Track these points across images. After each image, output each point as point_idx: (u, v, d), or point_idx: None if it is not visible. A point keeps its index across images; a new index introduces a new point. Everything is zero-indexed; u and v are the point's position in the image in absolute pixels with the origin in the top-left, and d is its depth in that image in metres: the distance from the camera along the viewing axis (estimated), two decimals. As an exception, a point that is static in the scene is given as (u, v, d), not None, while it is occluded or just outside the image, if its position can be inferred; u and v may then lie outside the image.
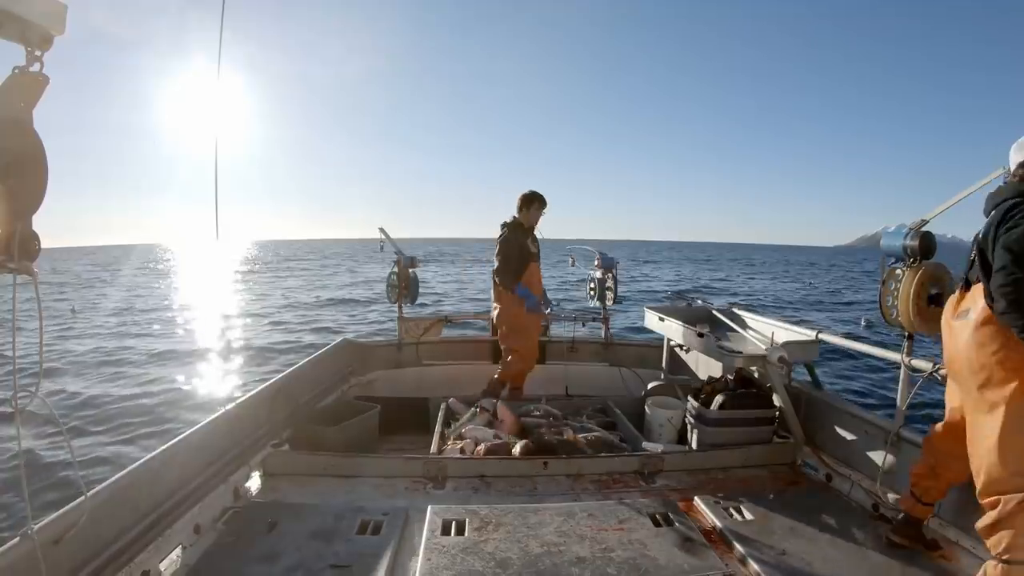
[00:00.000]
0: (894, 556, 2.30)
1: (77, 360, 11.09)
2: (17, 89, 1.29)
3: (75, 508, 1.79)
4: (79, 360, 11.08)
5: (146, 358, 11.47)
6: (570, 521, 2.45)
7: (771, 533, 2.43)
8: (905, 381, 2.73)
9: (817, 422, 3.32)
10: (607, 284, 5.30)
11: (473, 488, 2.87)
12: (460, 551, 2.19)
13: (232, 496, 2.65)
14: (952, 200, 2.48)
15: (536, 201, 4.59)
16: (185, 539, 2.25)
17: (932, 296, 2.52)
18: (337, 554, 2.17)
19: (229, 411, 2.87)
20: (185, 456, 2.45)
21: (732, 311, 4.38)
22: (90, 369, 10.35)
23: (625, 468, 3.10)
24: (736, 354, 3.36)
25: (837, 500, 2.84)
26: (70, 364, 10.66)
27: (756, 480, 3.09)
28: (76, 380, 9.47)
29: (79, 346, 12.54)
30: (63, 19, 1.31)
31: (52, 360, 10.53)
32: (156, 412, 7.70)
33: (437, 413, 3.81)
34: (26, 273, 1.33)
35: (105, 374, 9.96)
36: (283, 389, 3.47)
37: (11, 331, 1.38)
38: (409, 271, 4.90)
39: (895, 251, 2.63)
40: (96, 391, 8.72)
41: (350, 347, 4.76)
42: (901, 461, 2.68)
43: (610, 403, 4.09)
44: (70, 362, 10.84)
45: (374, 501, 2.68)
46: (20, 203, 1.30)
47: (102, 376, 9.86)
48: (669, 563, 2.15)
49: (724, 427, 3.31)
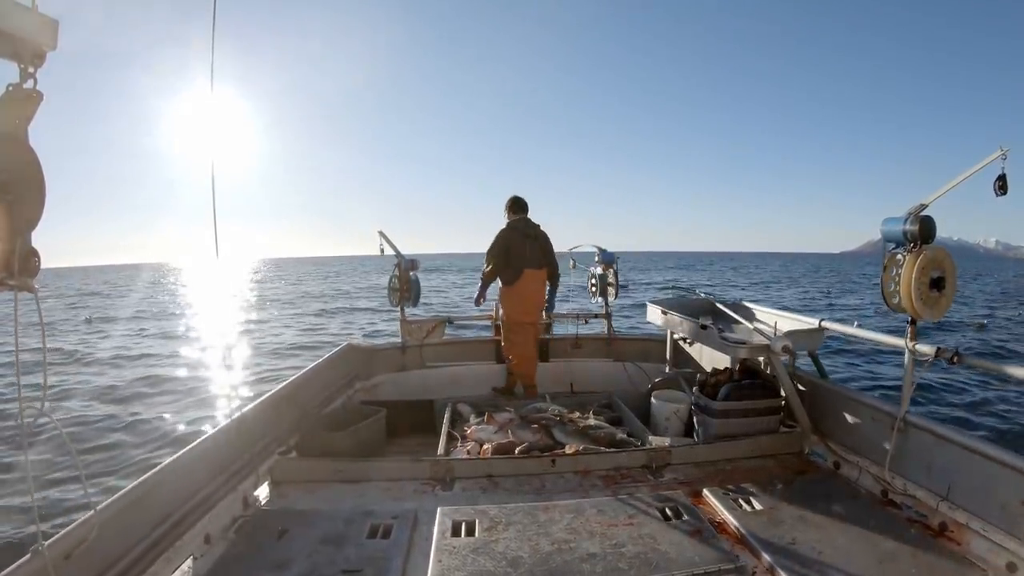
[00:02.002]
0: (905, 541, 2.29)
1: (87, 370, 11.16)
2: (11, 105, 1.30)
3: (85, 523, 1.79)
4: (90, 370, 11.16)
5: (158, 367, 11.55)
6: (579, 518, 2.45)
7: (781, 523, 2.43)
8: (910, 367, 2.73)
9: (823, 410, 3.31)
10: (608, 280, 5.31)
11: (481, 488, 2.87)
12: (471, 552, 2.19)
13: (241, 505, 2.65)
14: (951, 183, 2.48)
15: (507, 203, 4.78)
16: (196, 550, 2.25)
17: (934, 280, 2.52)
18: (348, 559, 2.18)
19: (236, 420, 2.87)
20: (193, 466, 2.45)
21: (734, 303, 4.38)
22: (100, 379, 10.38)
23: (632, 463, 3.10)
24: (740, 345, 3.36)
25: (846, 487, 2.84)
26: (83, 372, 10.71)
27: (764, 470, 3.08)
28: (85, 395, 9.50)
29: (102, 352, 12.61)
30: (55, 34, 1.31)
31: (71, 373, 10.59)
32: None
33: (443, 415, 3.81)
34: (26, 290, 1.33)
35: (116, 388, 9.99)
36: (289, 396, 3.47)
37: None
38: (410, 274, 4.90)
39: (895, 236, 2.63)
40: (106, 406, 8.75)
41: (354, 351, 4.76)
42: (908, 446, 2.68)
43: (615, 398, 4.09)
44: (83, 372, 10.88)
45: (383, 504, 2.68)
46: (19, 219, 1.30)
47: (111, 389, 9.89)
48: (680, 556, 2.15)
49: (730, 418, 3.31)
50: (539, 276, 4.69)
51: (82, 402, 9.01)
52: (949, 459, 2.48)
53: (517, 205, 4.75)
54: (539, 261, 4.68)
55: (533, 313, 4.73)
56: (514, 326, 4.68)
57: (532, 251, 4.64)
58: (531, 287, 4.64)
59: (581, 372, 5.00)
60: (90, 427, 7.61)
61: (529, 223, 4.73)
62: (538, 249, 4.69)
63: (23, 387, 1.38)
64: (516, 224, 4.69)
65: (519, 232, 4.65)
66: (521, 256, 4.60)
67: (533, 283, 4.65)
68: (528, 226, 4.71)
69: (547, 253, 4.77)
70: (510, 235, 4.64)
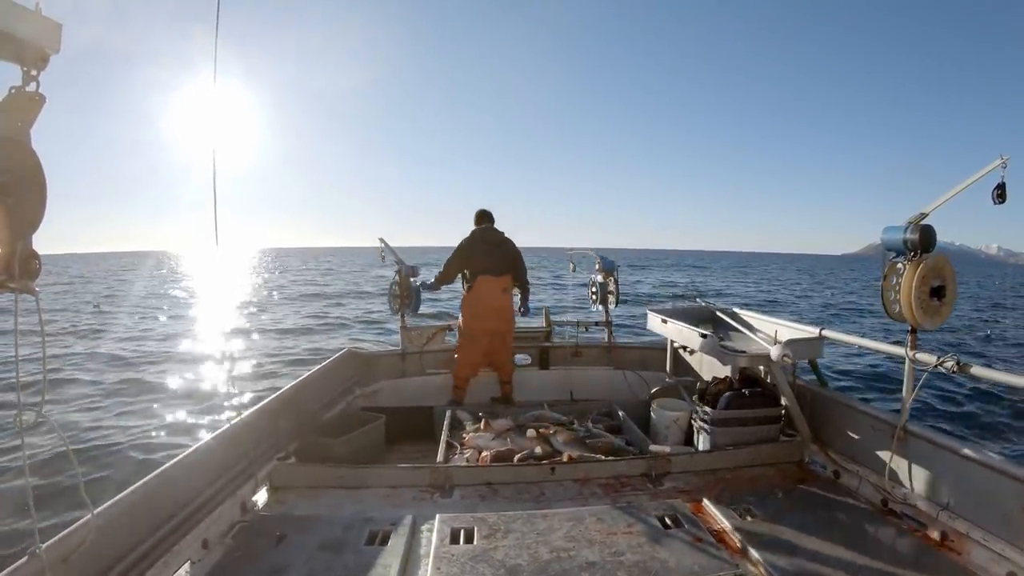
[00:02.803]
0: (905, 551, 2.28)
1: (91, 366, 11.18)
2: (14, 109, 1.30)
3: (83, 525, 1.79)
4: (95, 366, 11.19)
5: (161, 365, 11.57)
6: (579, 526, 2.43)
7: (780, 532, 2.41)
8: (910, 375, 2.72)
9: (823, 419, 3.30)
10: (608, 288, 5.31)
11: (480, 495, 2.86)
12: (470, 559, 2.18)
13: (240, 510, 2.64)
14: (951, 192, 2.48)
15: (475, 215, 4.88)
16: (193, 554, 2.24)
17: (934, 289, 2.52)
18: (346, 565, 2.17)
19: (235, 425, 2.86)
20: (192, 471, 2.45)
21: (734, 311, 4.37)
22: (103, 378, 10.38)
23: (632, 471, 3.09)
24: (740, 354, 3.35)
25: (846, 496, 2.83)
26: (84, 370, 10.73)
27: (764, 479, 3.07)
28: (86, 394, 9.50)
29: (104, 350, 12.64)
30: (58, 37, 1.32)
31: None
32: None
33: (442, 421, 3.80)
34: (27, 292, 1.33)
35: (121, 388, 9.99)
36: (288, 401, 3.46)
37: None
38: (410, 280, 4.90)
39: (896, 245, 2.63)
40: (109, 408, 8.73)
41: (354, 358, 4.75)
42: (909, 455, 2.67)
43: (615, 406, 4.08)
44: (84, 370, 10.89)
45: (382, 511, 2.67)
46: (20, 222, 1.31)
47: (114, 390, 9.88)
48: (679, 565, 2.14)
49: (730, 427, 3.30)
50: (498, 283, 4.63)
51: (82, 400, 8.98)
52: (949, 468, 2.47)
53: (482, 215, 4.85)
54: (499, 268, 4.65)
55: (488, 319, 4.62)
56: (465, 330, 4.70)
57: (491, 258, 4.65)
58: (486, 293, 4.60)
59: (581, 380, 5.00)
60: (89, 428, 7.59)
61: (491, 231, 4.77)
62: (498, 256, 4.69)
63: (22, 388, 1.38)
64: (477, 232, 4.77)
65: (478, 240, 4.71)
66: (477, 263, 4.64)
67: (489, 289, 4.61)
68: (489, 233, 4.75)
69: (510, 260, 4.75)
70: (469, 242, 4.71)
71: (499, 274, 4.64)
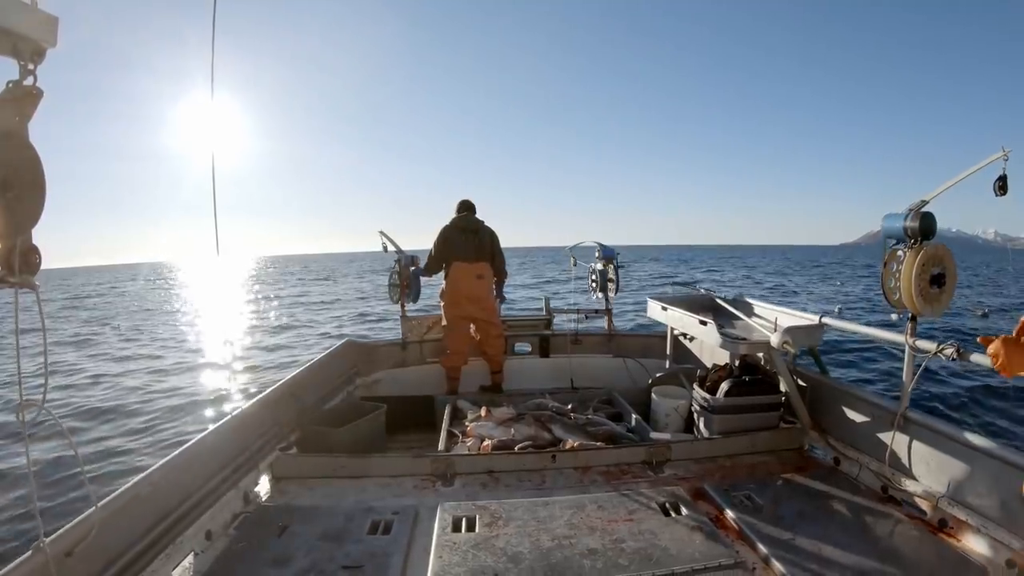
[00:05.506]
0: (905, 538, 2.30)
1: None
2: (11, 103, 1.29)
3: (86, 519, 1.80)
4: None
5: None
6: (580, 513, 2.46)
7: (780, 518, 2.43)
8: (910, 363, 2.73)
9: (823, 406, 3.32)
10: (608, 275, 5.31)
11: (482, 484, 2.88)
12: (471, 547, 2.20)
13: (242, 501, 2.66)
14: (952, 181, 2.47)
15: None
16: (197, 546, 2.26)
17: (934, 276, 2.52)
18: (349, 555, 2.18)
19: (236, 416, 2.87)
20: (194, 463, 2.45)
21: (735, 299, 4.38)
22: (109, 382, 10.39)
23: (633, 459, 3.11)
24: (740, 341, 3.36)
25: (846, 483, 2.85)
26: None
27: (764, 466, 3.09)
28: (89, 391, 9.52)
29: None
30: (55, 32, 1.31)
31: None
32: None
33: (443, 410, 3.81)
34: (27, 287, 1.33)
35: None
36: (289, 392, 3.47)
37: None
38: (410, 270, 4.91)
39: (896, 233, 2.62)
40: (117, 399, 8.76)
41: (354, 348, 4.76)
42: (908, 442, 2.69)
43: (616, 394, 4.10)
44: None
45: (383, 501, 2.69)
46: (19, 216, 1.30)
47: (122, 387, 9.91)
48: (680, 552, 2.16)
49: (730, 414, 3.32)
50: (471, 269, 4.71)
51: (81, 399, 9.01)
52: (949, 455, 2.48)
53: (461, 205, 4.94)
54: (473, 255, 4.73)
55: (463, 306, 4.73)
56: (445, 317, 4.79)
57: (466, 245, 4.74)
58: (460, 279, 4.71)
59: (581, 368, 5.01)
60: (92, 422, 7.62)
61: (468, 219, 4.85)
62: (474, 243, 4.76)
63: (23, 387, 1.38)
64: (453, 220, 4.86)
65: (455, 228, 4.80)
66: (453, 250, 4.73)
67: (462, 275, 4.71)
68: (466, 221, 4.82)
69: (486, 247, 4.82)
70: (446, 230, 4.81)
71: (473, 260, 4.73)
